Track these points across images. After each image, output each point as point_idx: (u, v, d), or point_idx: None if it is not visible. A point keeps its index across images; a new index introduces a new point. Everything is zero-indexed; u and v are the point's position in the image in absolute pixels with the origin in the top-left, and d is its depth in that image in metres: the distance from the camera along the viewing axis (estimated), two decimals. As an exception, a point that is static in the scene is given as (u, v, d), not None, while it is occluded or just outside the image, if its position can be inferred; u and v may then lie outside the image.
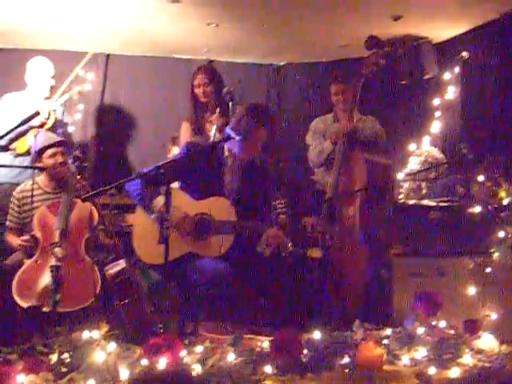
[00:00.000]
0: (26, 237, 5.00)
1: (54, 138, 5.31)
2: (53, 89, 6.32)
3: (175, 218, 4.44)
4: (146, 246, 4.62)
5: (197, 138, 5.90)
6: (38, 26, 6.23)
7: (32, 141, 5.84)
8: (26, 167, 5.58)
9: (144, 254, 4.63)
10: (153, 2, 5.50)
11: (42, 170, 5.22)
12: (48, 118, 6.02)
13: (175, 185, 4.85)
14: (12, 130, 4.73)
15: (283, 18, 6.01)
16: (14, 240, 5.13)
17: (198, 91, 5.96)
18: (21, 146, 5.92)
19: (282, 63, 8.04)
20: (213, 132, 5.70)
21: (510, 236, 4.88)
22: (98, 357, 3.43)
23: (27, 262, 4.76)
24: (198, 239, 4.58)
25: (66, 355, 3.49)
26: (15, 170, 5.79)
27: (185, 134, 6.04)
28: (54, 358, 3.50)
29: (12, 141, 5.85)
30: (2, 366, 3.30)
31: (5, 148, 5.90)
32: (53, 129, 6.03)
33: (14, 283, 4.56)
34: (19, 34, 6.45)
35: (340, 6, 5.63)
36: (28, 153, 5.85)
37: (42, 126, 5.97)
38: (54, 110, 6.19)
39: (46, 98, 6.27)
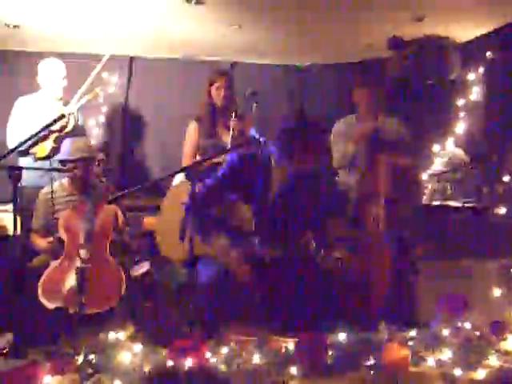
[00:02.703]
0: (51, 239, 5.03)
1: (79, 149, 5.26)
2: (66, 90, 6.32)
3: None
4: (169, 241, 4.69)
5: (207, 141, 5.87)
6: (61, 30, 6.27)
7: (51, 145, 5.91)
8: (51, 169, 5.59)
9: (165, 248, 4.71)
10: (176, 4, 5.51)
11: (65, 171, 5.26)
12: (68, 122, 6.04)
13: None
14: (36, 134, 4.75)
15: (306, 19, 6.01)
16: (40, 242, 5.16)
17: (218, 93, 5.90)
18: (41, 150, 5.94)
19: (305, 64, 8.04)
20: (230, 136, 5.66)
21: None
22: (124, 358, 3.45)
23: (53, 264, 4.77)
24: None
25: (92, 356, 3.50)
26: (37, 173, 5.80)
27: (193, 134, 5.95)
28: (80, 359, 3.52)
29: (32, 145, 5.87)
30: (28, 367, 3.32)
31: (25, 152, 5.92)
32: (71, 133, 6.06)
33: (40, 285, 4.58)
34: (40, 37, 6.51)
35: (363, 6, 5.62)
36: (48, 157, 5.89)
37: (61, 130, 6.00)
38: (73, 114, 6.20)
39: (60, 100, 6.27)
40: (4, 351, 3.95)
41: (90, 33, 6.39)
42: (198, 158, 5.80)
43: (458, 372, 3.63)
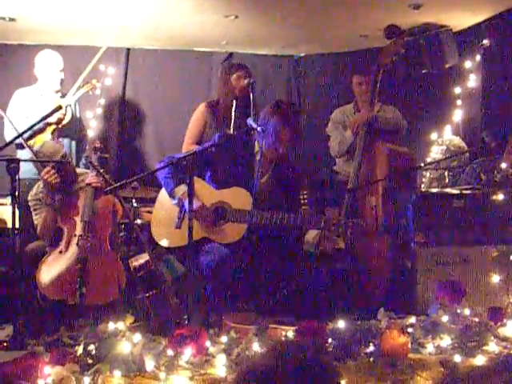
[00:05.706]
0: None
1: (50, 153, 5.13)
2: (63, 82, 6.33)
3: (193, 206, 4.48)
4: (164, 228, 4.71)
5: (216, 128, 5.89)
6: (58, 22, 6.25)
7: (48, 137, 5.91)
8: (49, 162, 5.56)
9: (160, 236, 4.71)
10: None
11: (63, 163, 5.20)
12: (65, 114, 6.05)
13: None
14: (33, 126, 4.74)
15: (302, 9, 5.99)
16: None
17: (238, 83, 5.92)
18: (38, 142, 5.90)
19: (301, 54, 8.02)
20: (232, 124, 5.69)
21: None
22: (124, 348, 3.46)
23: (52, 254, 4.71)
24: (213, 226, 4.62)
25: (91, 347, 3.50)
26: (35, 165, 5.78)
27: (200, 118, 6.02)
28: (79, 349, 3.52)
29: (30, 137, 5.86)
30: (28, 357, 3.32)
31: (22, 145, 5.90)
32: (69, 125, 6.13)
33: (39, 276, 4.55)
34: (37, 29, 6.50)
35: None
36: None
37: (58, 122, 6.00)
38: (70, 105, 6.21)
39: (57, 92, 6.28)
40: (4, 343, 3.96)
41: (86, 25, 6.37)
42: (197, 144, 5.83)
43: (457, 358, 3.64)
